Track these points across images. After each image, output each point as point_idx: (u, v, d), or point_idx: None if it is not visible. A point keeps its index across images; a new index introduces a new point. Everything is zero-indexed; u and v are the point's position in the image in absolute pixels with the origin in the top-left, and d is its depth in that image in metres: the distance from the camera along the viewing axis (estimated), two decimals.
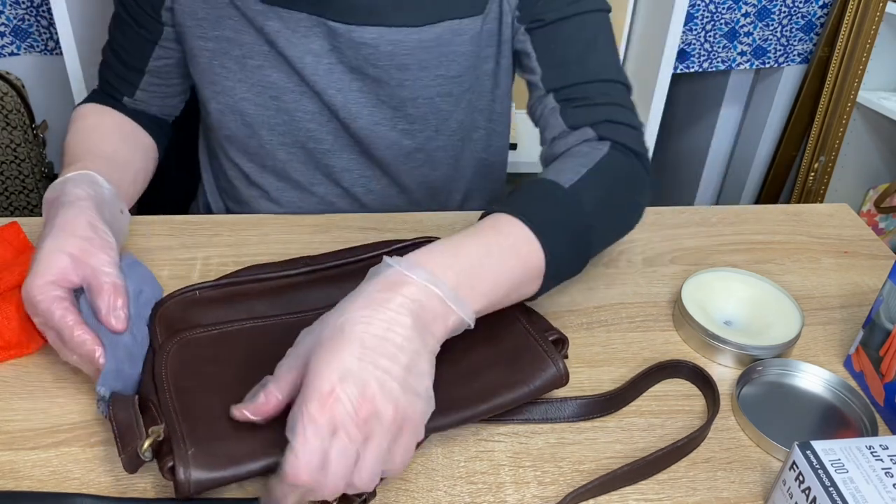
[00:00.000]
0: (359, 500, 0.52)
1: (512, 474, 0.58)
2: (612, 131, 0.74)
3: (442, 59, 0.79)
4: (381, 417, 0.47)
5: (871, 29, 1.60)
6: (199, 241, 0.81)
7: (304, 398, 0.47)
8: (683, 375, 0.67)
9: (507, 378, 0.58)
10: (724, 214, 0.91)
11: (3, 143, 1.53)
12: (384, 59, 0.78)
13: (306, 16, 0.76)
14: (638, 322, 0.73)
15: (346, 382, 0.47)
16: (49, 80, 1.61)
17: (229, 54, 0.80)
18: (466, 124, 0.88)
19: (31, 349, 0.66)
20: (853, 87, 1.66)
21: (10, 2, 1.48)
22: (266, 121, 0.84)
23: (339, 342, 0.48)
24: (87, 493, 0.54)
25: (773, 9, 1.68)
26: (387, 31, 0.77)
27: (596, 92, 0.76)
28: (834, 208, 0.93)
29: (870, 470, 0.50)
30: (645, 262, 0.82)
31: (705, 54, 1.72)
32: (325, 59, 0.79)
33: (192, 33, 0.80)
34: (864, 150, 1.86)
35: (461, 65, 0.81)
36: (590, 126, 0.74)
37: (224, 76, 0.81)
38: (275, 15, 0.76)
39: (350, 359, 0.48)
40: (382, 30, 0.77)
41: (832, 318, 0.75)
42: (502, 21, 0.80)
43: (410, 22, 0.77)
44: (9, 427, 0.59)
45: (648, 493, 0.57)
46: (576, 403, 0.63)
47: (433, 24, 0.77)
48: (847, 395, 0.65)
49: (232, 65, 0.80)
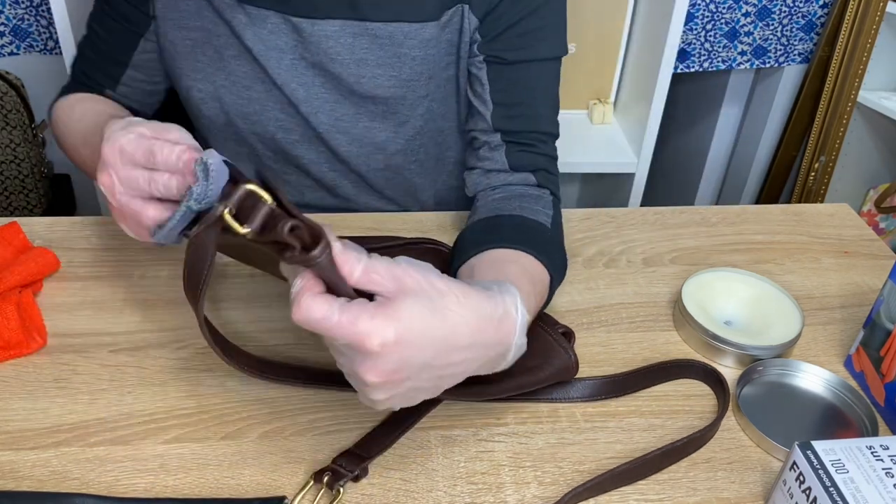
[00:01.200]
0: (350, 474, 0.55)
1: (512, 474, 0.58)
2: (549, 182, 0.81)
3: (394, 60, 0.81)
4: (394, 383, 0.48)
5: (872, 29, 1.60)
6: None
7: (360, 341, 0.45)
8: (694, 375, 0.67)
9: (520, 363, 0.58)
10: (724, 214, 0.91)
11: (3, 143, 1.53)
12: (345, 52, 0.80)
13: (273, 13, 0.78)
14: (638, 322, 0.73)
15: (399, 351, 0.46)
16: (48, 80, 1.61)
17: (209, 44, 0.82)
18: (430, 130, 0.89)
19: (31, 349, 0.66)
20: (853, 86, 1.66)
21: (10, 1, 1.48)
22: (240, 110, 0.85)
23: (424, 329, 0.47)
24: (87, 493, 0.54)
25: (774, 8, 1.68)
26: (347, 24, 0.78)
27: (538, 141, 0.82)
28: (834, 208, 0.93)
29: (870, 470, 0.50)
30: (645, 262, 0.82)
31: (705, 54, 1.71)
32: (289, 55, 0.80)
33: (174, 24, 0.81)
34: (864, 150, 1.86)
35: (413, 69, 0.81)
36: (531, 172, 0.80)
37: (206, 63, 0.83)
38: (242, 11, 0.78)
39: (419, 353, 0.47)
40: (343, 22, 0.78)
41: (832, 318, 0.75)
42: (461, 38, 0.81)
43: (369, 17, 0.78)
44: (9, 427, 0.59)
45: (649, 493, 0.57)
46: (583, 385, 0.64)
47: (388, 21, 0.79)
48: (847, 395, 0.65)
49: (212, 53, 0.82)
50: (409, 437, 0.60)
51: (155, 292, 0.74)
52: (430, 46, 0.80)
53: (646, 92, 1.52)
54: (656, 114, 1.50)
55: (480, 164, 0.82)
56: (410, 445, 0.60)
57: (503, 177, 0.80)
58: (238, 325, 0.70)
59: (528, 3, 0.78)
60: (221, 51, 0.82)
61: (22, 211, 1.61)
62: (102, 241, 0.80)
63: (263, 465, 0.57)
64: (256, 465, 0.57)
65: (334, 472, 0.56)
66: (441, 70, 0.83)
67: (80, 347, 0.67)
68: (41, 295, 0.72)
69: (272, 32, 0.79)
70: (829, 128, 1.72)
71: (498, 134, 0.81)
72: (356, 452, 0.58)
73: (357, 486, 0.56)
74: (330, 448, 0.59)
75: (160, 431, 0.60)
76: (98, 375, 0.64)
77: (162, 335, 0.69)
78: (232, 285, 0.75)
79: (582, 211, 0.90)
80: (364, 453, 0.58)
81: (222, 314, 0.72)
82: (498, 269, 0.64)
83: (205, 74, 0.83)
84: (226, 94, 0.84)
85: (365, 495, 0.56)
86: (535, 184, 0.80)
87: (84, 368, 0.65)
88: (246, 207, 0.46)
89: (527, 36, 0.79)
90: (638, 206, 1.61)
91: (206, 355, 0.67)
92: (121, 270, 0.76)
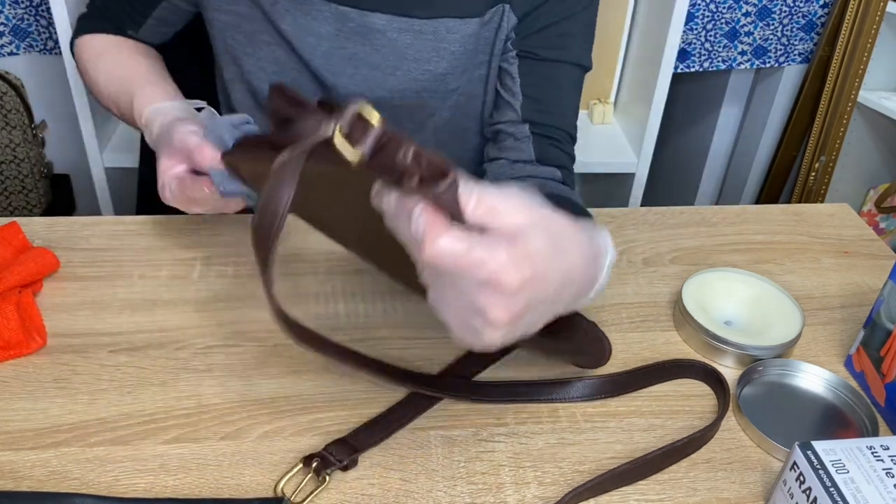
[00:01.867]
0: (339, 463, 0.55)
1: (512, 474, 0.58)
2: (571, 182, 0.83)
3: (433, 55, 0.81)
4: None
5: (872, 29, 1.60)
6: (199, 241, 0.81)
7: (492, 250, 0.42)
8: (694, 375, 0.68)
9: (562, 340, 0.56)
10: (724, 214, 0.90)
11: (3, 143, 1.53)
12: (388, 45, 0.80)
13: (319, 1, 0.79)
14: (638, 322, 0.73)
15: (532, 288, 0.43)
16: (48, 80, 1.61)
17: (240, 28, 0.82)
18: (454, 126, 0.89)
19: (31, 349, 0.66)
20: (854, 86, 1.66)
21: (10, 1, 1.48)
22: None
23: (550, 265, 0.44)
24: (87, 493, 0.54)
25: (774, 8, 1.68)
26: (396, 19, 0.79)
27: (564, 139, 0.83)
28: (834, 208, 0.93)
29: (870, 470, 0.50)
30: (645, 262, 0.82)
31: (706, 54, 1.71)
32: (328, 42, 0.81)
33: (210, 4, 0.82)
34: (864, 150, 1.85)
35: (449, 63, 0.82)
36: (557, 168, 0.81)
37: (234, 48, 0.84)
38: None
39: (545, 290, 0.44)
40: (392, 17, 0.79)
41: (832, 318, 0.75)
42: (497, 35, 0.82)
43: (416, 13, 0.79)
44: (9, 427, 0.59)
45: (649, 494, 0.57)
46: (583, 384, 0.64)
47: (435, 18, 0.79)
48: (848, 395, 0.65)
49: (242, 38, 0.83)
50: (409, 437, 0.60)
51: (155, 292, 0.74)
52: (469, 42, 0.81)
53: (646, 92, 1.52)
54: (656, 114, 1.50)
55: (505, 154, 0.82)
56: (410, 445, 0.60)
57: (529, 168, 0.80)
58: (238, 326, 0.70)
59: (570, 6, 0.79)
60: (254, 36, 0.82)
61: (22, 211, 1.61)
62: (102, 241, 0.80)
63: (263, 465, 0.57)
64: (256, 465, 0.57)
65: (323, 458, 0.56)
66: (474, 67, 0.84)
67: (79, 347, 0.67)
68: (41, 295, 0.72)
69: (315, 19, 0.79)
70: (829, 128, 1.72)
71: (526, 125, 0.81)
72: (349, 442, 0.58)
73: (357, 487, 0.56)
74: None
75: (160, 431, 0.60)
76: (98, 375, 0.64)
77: (162, 335, 0.69)
78: (232, 285, 0.75)
79: None
80: (356, 444, 0.58)
81: (222, 314, 0.72)
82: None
83: (233, 58, 0.84)
84: (253, 80, 0.85)
85: (365, 495, 0.55)
86: (560, 180, 0.80)
87: (84, 368, 0.65)
88: (357, 129, 0.41)
89: (564, 37, 0.81)
90: (638, 206, 1.61)
91: (206, 355, 0.67)
92: (121, 270, 0.76)
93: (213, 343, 0.68)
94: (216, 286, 0.75)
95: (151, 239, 0.81)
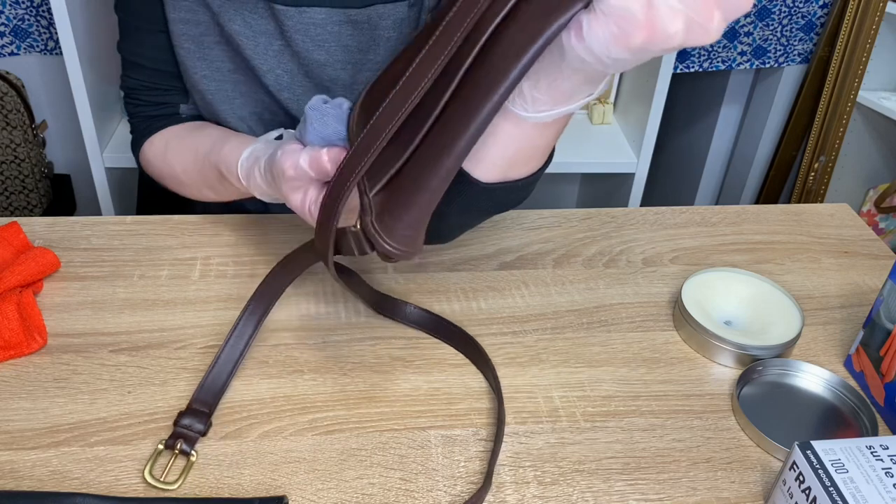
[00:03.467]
0: (200, 435, 0.57)
1: (512, 474, 0.58)
2: None
3: (371, 44, 0.81)
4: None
5: (872, 29, 1.60)
6: (199, 241, 0.81)
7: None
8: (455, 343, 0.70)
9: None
10: (724, 214, 0.91)
11: (3, 143, 1.53)
12: (332, 39, 0.80)
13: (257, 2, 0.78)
14: (638, 322, 0.73)
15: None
16: (49, 80, 1.61)
17: (187, 35, 0.81)
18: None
19: (32, 349, 0.66)
20: (853, 86, 1.66)
21: (10, 2, 1.48)
22: (225, 95, 0.85)
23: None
24: (87, 493, 0.54)
25: (774, 8, 1.68)
26: (333, 12, 0.78)
27: None
28: (834, 208, 0.93)
29: (870, 470, 0.50)
30: (645, 262, 0.82)
31: (705, 54, 1.71)
32: (278, 41, 0.80)
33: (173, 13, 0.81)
34: (864, 150, 1.86)
35: (387, 50, 0.82)
36: None
37: (185, 56, 0.83)
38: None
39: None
40: (329, 10, 0.78)
41: (832, 318, 0.75)
42: (421, 15, 0.81)
43: (349, 3, 0.78)
44: (9, 427, 0.59)
45: (648, 494, 0.57)
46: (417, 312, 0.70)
47: (368, 6, 0.79)
48: (847, 395, 0.65)
49: (190, 45, 0.82)
50: (409, 437, 0.60)
51: (155, 292, 0.74)
52: (403, 25, 0.81)
53: (646, 92, 1.52)
54: (656, 114, 1.50)
55: None
56: (411, 445, 0.60)
57: None
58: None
59: None
60: (201, 39, 0.81)
61: (22, 211, 1.61)
62: (102, 241, 0.80)
63: (263, 465, 0.57)
64: (256, 465, 0.57)
65: (185, 437, 0.58)
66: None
67: (80, 347, 0.67)
68: (42, 295, 0.73)
69: (261, 17, 0.79)
70: (829, 128, 1.72)
71: None
72: (197, 409, 0.60)
73: (357, 486, 0.56)
74: (330, 448, 0.59)
75: (160, 431, 0.60)
76: (98, 375, 0.64)
77: (162, 335, 0.69)
78: (232, 285, 0.75)
79: (582, 211, 0.90)
80: (205, 409, 0.60)
81: (222, 314, 0.72)
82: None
83: (185, 67, 0.83)
84: (208, 84, 0.83)
85: (365, 495, 0.56)
86: None
87: (84, 368, 0.65)
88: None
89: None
90: (638, 206, 1.61)
91: (206, 355, 0.67)
92: (121, 270, 0.76)
93: (213, 343, 0.68)
94: (216, 286, 0.75)
95: (151, 239, 0.81)
